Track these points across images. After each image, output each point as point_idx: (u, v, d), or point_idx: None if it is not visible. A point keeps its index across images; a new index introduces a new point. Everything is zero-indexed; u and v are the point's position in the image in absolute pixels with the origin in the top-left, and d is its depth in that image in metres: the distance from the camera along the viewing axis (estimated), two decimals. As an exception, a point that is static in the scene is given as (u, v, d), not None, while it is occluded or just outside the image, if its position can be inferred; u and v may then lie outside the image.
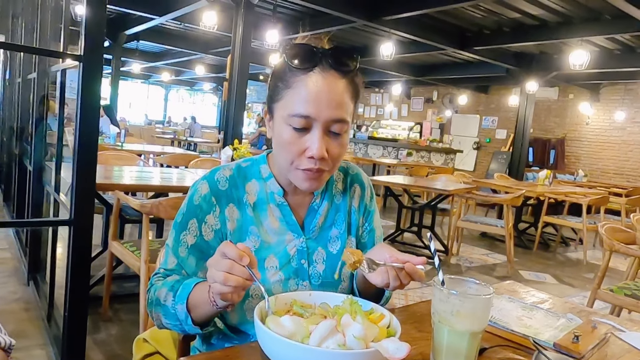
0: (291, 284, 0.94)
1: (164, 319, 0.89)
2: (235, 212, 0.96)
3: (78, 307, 2.06)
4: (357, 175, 1.09)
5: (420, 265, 0.82)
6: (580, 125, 10.28)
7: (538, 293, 1.25)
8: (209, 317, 0.85)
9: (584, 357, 0.84)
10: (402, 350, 0.64)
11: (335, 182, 1.05)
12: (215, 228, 0.95)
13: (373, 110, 14.55)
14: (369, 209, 1.08)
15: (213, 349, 0.99)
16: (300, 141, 0.87)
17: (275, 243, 0.95)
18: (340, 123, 0.87)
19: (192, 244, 0.94)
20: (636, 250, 2.74)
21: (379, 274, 0.82)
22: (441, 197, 4.75)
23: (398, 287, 0.82)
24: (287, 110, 0.87)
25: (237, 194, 0.97)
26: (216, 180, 0.96)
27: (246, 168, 1.00)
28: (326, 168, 0.89)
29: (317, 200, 1.01)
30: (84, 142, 1.98)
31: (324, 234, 1.00)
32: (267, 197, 0.98)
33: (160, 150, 5.58)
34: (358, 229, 1.06)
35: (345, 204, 1.04)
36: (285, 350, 0.66)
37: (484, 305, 0.74)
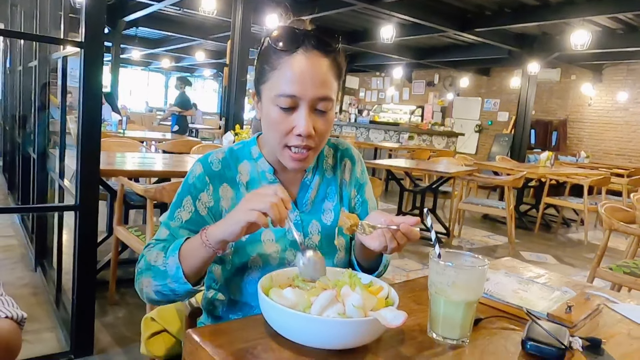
0: (288, 255, 0.99)
1: (153, 281, 0.91)
2: (229, 191, 1.00)
3: (86, 290, 2.10)
4: (347, 150, 1.12)
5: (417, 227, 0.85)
6: (582, 107, 10.24)
7: (535, 269, 1.28)
8: (201, 265, 0.87)
9: (576, 326, 0.87)
10: (399, 318, 0.67)
11: (326, 157, 1.09)
12: (208, 205, 0.99)
13: (374, 94, 14.49)
14: (360, 181, 1.12)
15: (219, 322, 1.03)
16: (288, 120, 0.91)
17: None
18: (325, 101, 0.91)
19: (187, 219, 0.97)
20: (635, 229, 2.77)
21: (375, 238, 0.85)
22: (442, 179, 4.77)
23: (395, 249, 0.85)
24: (273, 91, 0.91)
25: (230, 174, 1.01)
26: (210, 162, 1.01)
27: (238, 150, 1.05)
28: (313, 145, 0.93)
29: (309, 175, 1.05)
30: (87, 129, 2.00)
31: (317, 207, 1.05)
32: (258, 176, 1.02)
33: (161, 137, 5.60)
34: (350, 200, 1.10)
35: (336, 177, 1.09)
36: (288, 319, 0.69)
37: (479, 276, 0.77)
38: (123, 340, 2.25)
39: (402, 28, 7.72)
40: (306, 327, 0.69)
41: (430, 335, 0.79)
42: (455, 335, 0.77)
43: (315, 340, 0.70)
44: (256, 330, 0.75)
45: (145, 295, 0.95)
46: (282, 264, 0.98)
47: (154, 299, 0.94)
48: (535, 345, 0.75)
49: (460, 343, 0.77)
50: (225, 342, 0.71)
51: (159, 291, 0.92)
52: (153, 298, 0.94)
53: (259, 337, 0.73)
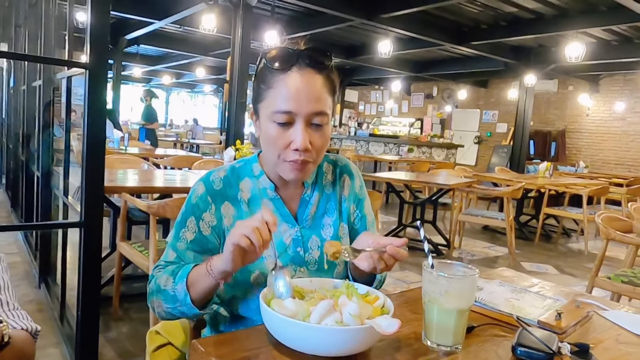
0: (289, 270, 1.02)
1: (164, 304, 0.96)
2: (231, 209, 1.03)
3: (90, 306, 2.13)
4: (345, 166, 1.16)
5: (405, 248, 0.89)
6: (580, 117, 10.31)
7: (530, 278, 1.31)
8: (206, 292, 0.92)
9: (565, 332, 0.90)
10: (394, 326, 0.71)
11: (325, 173, 1.13)
12: (212, 224, 1.02)
13: (374, 107, 14.59)
14: (359, 196, 1.15)
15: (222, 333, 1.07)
16: (285, 135, 0.95)
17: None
18: (320, 115, 0.95)
19: (191, 239, 1.01)
20: (632, 238, 2.80)
21: (364, 259, 0.89)
22: (442, 191, 4.81)
23: (384, 269, 0.89)
24: (270, 108, 0.95)
25: (231, 192, 1.04)
26: (211, 181, 1.04)
27: (239, 168, 1.08)
28: (310, 159, 0.97)
29: (308, 191, 1.09)
30: (92, 148, 2.05)
31: (317, 223, 1.08)
32: (259, 192, 1.06)
33: (163, 153, 5.66)
34: (349, 216, 1.13)
35: (335, 193, 1.12)
36: (288, 328, 0.73)
37: (470, 285, 0.81)
38: (127, 355, 2.28)
39: (400, 42, 7.83)
40: (305, 335, 0.73)
41: (424, 343, 0.83)
42: (449, 342, 0.80)
43: (314, 348, 0.73)
44: (258, 339, 0.79)
45: (157, 314, 1.01)
46: None
47: (164, 317, 1.00)
48: (525, 350, 0.78)
49: (453, 350, 0.81)
50: (228, 351, 0.74)
51: (170, 312, 0.98)
52: (164, 317, 1.00)
53: (261, 345, 0.77)
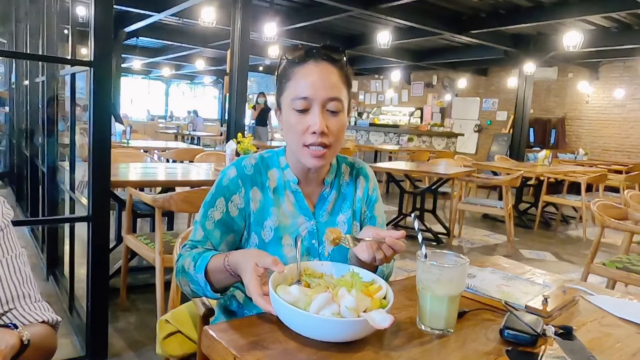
0: (303, 260, 1.08)
1: (191, 285, 1.05)
2: (258, 194, 1.11)
3: (99, 297, 2.20)
4: (362, 169, 1.24)
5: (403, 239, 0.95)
6: (580, 104, 10.32)
7: (523, 266, 1.37)
8: (226, 284, 1.01)
9: (551, 316, 0.96)
10: (386, 321, 0.77)
11: (343, 174, 1.22)
12: (240, 207, 1.10)
13: (373, 97, 14.60)
14: (371, 198, 1.23)
15: (232, 316, 1.15)
16: (304, 121, 1.04)
17: (289, 224, 1.12)
18: (335, 101, 1.04)
19: (219, 219, 1.10)
20: (626, 225, 2.86)
21: (363, 250, 0.95)
22: (442, 181, 4.87)
23: (383, 260, 0.95)
24: (289, 96, 1.05)
25: (260, 179, 1.12)
26: (244, 166, 1.12)
27: (268, 158, 1.16)
28: (328, 142, 1.04)
29: (327, 189, 1.17)
30: (98, 143, 2.11)
31: (332, 219, 1.16)
32: (284, 184, 1.14)
33: (164, 146, 5.71)
34: (361, 215, 1.21)
35: (351, 193, 1.21)
36: (290, 314, 0.80)
37: (460, 273, 0.87)
38: (136, 345, 2.35)
39: (399, 31, 7.84)
40: (306, 323, 0.79)
41: (419, 327, 0.89)
42: (441, 326, 0.87)
43: (314, 334, 0.80)
44: (266, 325, 0.85)
45: (186, 291, 1.09)
46: None
47: (191, 295, 1.10)
48: (512, 333, 0.85)
49: (445, 333, 0.87)
50: (238, 336, 0.81)
51: (195, 291, 1.06)
52: (190, 295, 1.09)
53: (268, 330, 0.83)
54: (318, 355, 0.76)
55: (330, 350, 0.78)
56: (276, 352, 0.76)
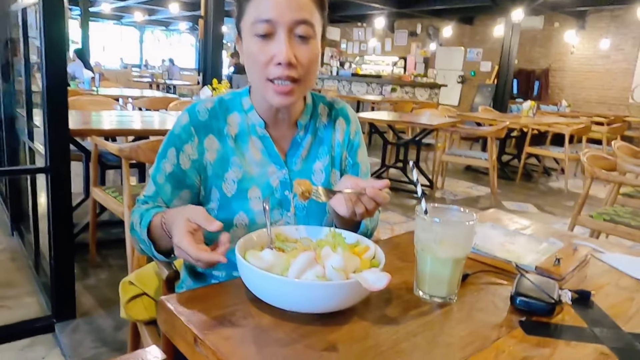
0: (275, 214, 0.96)
1: (139, 244, 0.93)
2: (215, 143, 0.96)
3: (63, 254, 2.05)
4: (342, 110, 1.08)
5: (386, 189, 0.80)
6: (565, 55, 10.17)
7: (521, 220, 1.26)
8: (167, 245, 0.87)
9: (564, 278, 0.85)
10: (382, 281, 0.63)
11: (320, 115, 1.05)
12: (192, 158, 0.95)
13: (356, 45, 14.17)
14: (352, 142, 1.07)
15: (199, 279, 1.01)
16: (267, 49, 0.86)
17: (257, 175, 0.96)
18: (304, 25, 0.86)
19: (169, 172, 0.96)
20: (616, 177, 2.79)
21: (341, 203, 0.81)
22: (426, 132, 4.73)
23: (364, 214, 0.81)
24: (250, 19, 0.88)
25: (217, 125, 0.97)
26: (197, 111, 0.96)
27: (228, 100, 1.00)
28: (296, 76, 0.87)
29: (301, 133, 1.01)
30: (53, 87, 1.89)
31: (307, 167, 1.01)
32: (248, 129, 0.98)
33: (138, 94, 5.41)
34: (342, 162, 1.05)
35: (329, 137, 1.04)
36: (264, 283, 0.65)
37: (467, 232, 0.73)
38: (106, 303, 2.23)
39: (384, -25, 7.45)
40: (283, 291, 0.65)
41: (416, 294, 0.77)
42: (443, 293, 0.74)
43: (294, 305, 0.66)
44: (235, 295, 0.71)
45: (137, 249, 0.97)
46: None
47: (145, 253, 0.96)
48: (525, 300, 0.72)
49: (447, 300, 0.75)
50: (202, 309, 0.67)
51: (145, 252, 0.94)
52: (141, 254, 0.98)
53: (238, 302, 0.69)
54: (298, 332, 0.63)
55: (312, 324, 0.65)
56: (247, 330, 0.63)
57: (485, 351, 0.62)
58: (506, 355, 0.61)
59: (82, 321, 2.06)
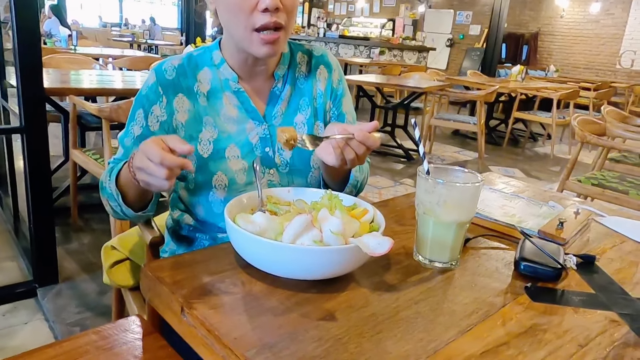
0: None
1: (110, 202, 0.87)
2: (186, 103, 0.90)
3: (43, 217, 1.99)
4: (322, 57, 1.01)
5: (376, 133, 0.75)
6: (554, 19, 10.05)
7: (517, 182, 1.22)
8: (140, 194, 0.82)
9: (567, 242, 0.82)
10: (385, 245, 0.59)
11: (299, 64, 0.98)
12: (161, 119, 0.89)
13: (344, 6, 13.81)
14: (336, 91, 1.00)
15: (183, 243, 0.97)
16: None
17: (235, 132, 0.90)
18: None
19: (138, 134, 0.89)
20: (606, 141, 2.77)
21: (329, 152, 0.75)
22: (414, 95, 4.66)
23: (354, 160, 0.75)
24: None
25: (186, 83, 0.90)
26: (163, 70, 0.90)
27: (197, 56, 0.94)
28: (282, 21, 0.81)
29: (279, 84, 0.95)
30: (25, 42, 1.78)
31: (288, 120, 0.95)
32: (221, 84, 0.91)
33: (119, 54, 5.20)
34: (325, 113, 0.99)
35: (310, 87, 0.97)
36: (257, 248, 0.60)
37: (472, 194, 0.69)
38: (89, 267, 2.18)
39: None
40: (278, 257, 0.60)
41: (416, 259, 0.73)
42: (445, 258, 0.70)
43: (289, 272, 0.61)
44: (224, 260, 0.67)
45: (108, 210, 0.90)
46: (250, 182, 0.89)
47: (115, 217, 0.91)
48: (530, 265, 0.69)
49: (449, 266, 0.71)
50: (188, 276, 0.62)
51: (115, 211, 0.88)
52: (114, 216, 0.90)
53: (227, 268, 0.65)
54: (293, 300, 0.59)
55: (308, 291, 0.61)
56: (237, 298, 0.58)
57: (491, 319, 0.58)
58: (514, 323, 0.58)
59: (65, 286, 2.01)
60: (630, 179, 2.78)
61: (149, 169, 0.66)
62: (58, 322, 1.77)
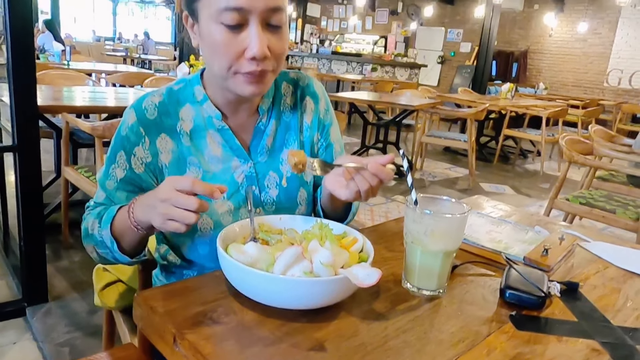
0: (242, 213, 0.88)
1: (97, 249, 0.85)
2: (169, 143, 0.86)
3: (33, 235, 1.98)
4: (308, 87, 0.97)
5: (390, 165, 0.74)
6: (543, 37, 10.23)
7: (504, 206, 1.25)
8: (136, 242, 0.80)
9: (552, 269, 0.84)
10: (373, 277, 0.60)
11: (284, 96, 0.95)
12: (145, 161, 0.86)
13: (337, 23, 13.97)
14: (324, 122, 0.98)
15: (173, 277, 0.96)
16: (237, 41, 0.76)
17: (220, 171, 0.87)
18: (278, 13, 0.77)
19: (122, 177, 0.86)
20: (593, 161, 2.82)
21: (340, 184, 0.75)
22: (406, 112, 4.71)
23: (368, 192, 0.74)
24: (214, 6, 0.75)
25: (168, 122, 0.86)
26: (144, 108, 0.86)
27: (178, 91, 0.89)
28: (270, 68, 0.79)
29: (264, 119, 0.91)
30: (19, 60, 1.79)
31: (274, 157, 0.92)
32: (204, 122, 0.88)
33: (112, 69, 5.23)
34: (313, 146, 0.97)
35: (296, 121, 0.95)
36: (248, 278, 0.62)
37: (459, 224, 0.71)
38: (79, 286, 2.16)
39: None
40: (269, 288, 0.61)
41: (404, 286, 0.74)
42: (432, 286, 0.72)
43: (280, 301, 0.63)
44: (216, 289, 0.68)
45: (94, 257, 0.89)
46: None
47: (101, 262, 0.89)
48: (514, 293, 0.71)
49: (437, 294, 0.72)
50: (180, 305, 0.63)
51: (104, 257, 0.86)
52: (100, 261, 0.89)
53: (220, 297, 0.66)
54: (283, 330, 0.60)
55: (298, 321, 0.62)
56: (229, 328, 0.59)
57: (476, 348, 0.60)
58: (498, 353, 0.60)
59: (55, 305, 2.00)
60: (618, 197, 2.82)
61: (177, 201, 0.65)
62: (47, 342, 1.76)
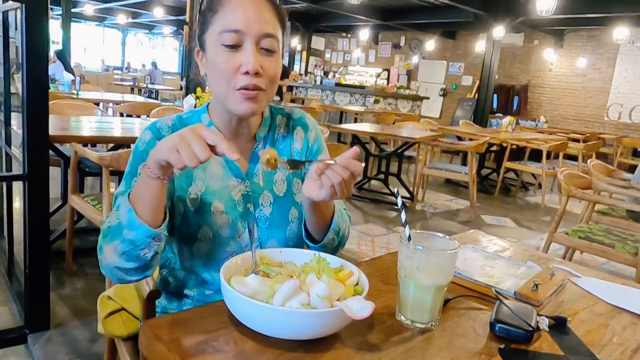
0: (239, 227, 0.97)
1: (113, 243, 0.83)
2: None
3: (39, 262, 2.01)
4: (300, 119, 1.09)
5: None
6: (543, 72, 10.41)
7: (500, 241, 1.28)
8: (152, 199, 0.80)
9: (542, 304, 0.87)
10: (366, 309, 0.64)
11: (278, 127, 1.07)
12: None
13: (340, 55, 14.28)
14: (312, 148, 1.08)
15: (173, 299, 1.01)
16: (234, 59, 0.89)
17: (219, 188, 0.98)
18: (270, 38, 0.90)
19: None
20: (591, 195, 2.86)
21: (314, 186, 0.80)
22: (408, 144, 4.79)
23: (343, 187, 0.79)
24: (217, 30, 0.90)
25: None
26: (159, 128, 0.98)
27: (187, 118, 1.01)
28: (262, 86, 0.90)
29: (260, 145, 1.03)
30: (33, 91, 1.86)
31: (268, 178, 1.02)
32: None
33: (119, 99, 5.34)
34: (301, 171, 1.07)
35: (287, 146, 1.06)
36: (248, 309, 0.66)
37: (449, 260, 0.75)
38: (82, 313, 2.18)
39: (369, -12, 7.54)
40: (268, 318, 0.65)
41: (398, 319, 0.77)
42: (425, 319, 0.75)
43: (278, 331, 0.66)
44: (217, 319, 0.71)
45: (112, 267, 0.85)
46: (233, 237, 0.96)
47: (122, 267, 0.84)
48: (504, 327, 0.74)
49: (429, 326, 0.75)
50: (184, 334, 0.66)
51: (123, 252, 0.82)
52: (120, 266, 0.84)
53: (221, 326, 0.69)
54: (282, 359, 0.63)
55: (296, 351, 0.65)
56: (230, 356, 0.62)
57: (465, 380, 0.63)
58: (486, 385, 0.62)
59: (56, 332, 2.01)
60: (617, 232, 2.85)
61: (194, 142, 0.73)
62: (47, 370, 1.77)
